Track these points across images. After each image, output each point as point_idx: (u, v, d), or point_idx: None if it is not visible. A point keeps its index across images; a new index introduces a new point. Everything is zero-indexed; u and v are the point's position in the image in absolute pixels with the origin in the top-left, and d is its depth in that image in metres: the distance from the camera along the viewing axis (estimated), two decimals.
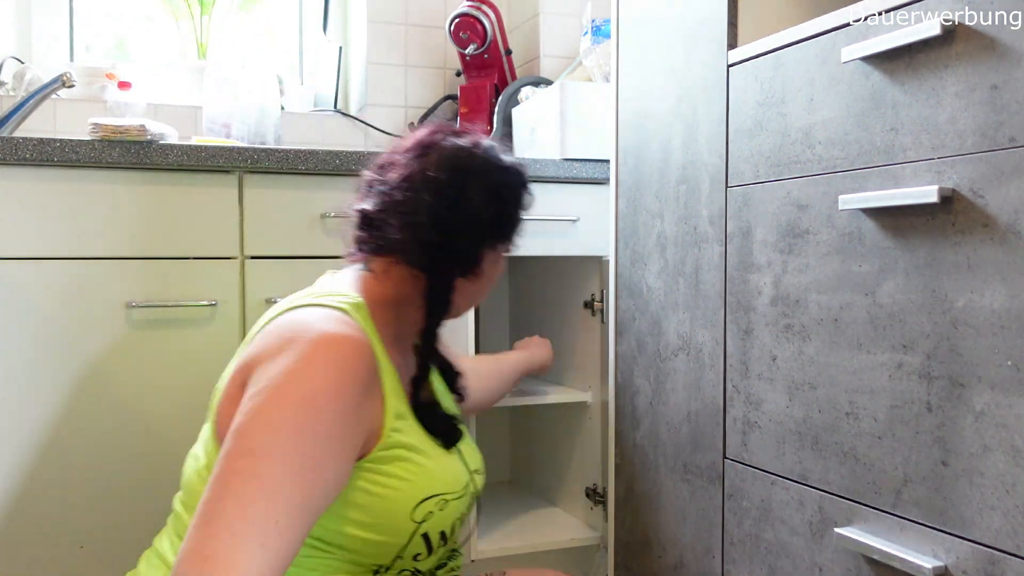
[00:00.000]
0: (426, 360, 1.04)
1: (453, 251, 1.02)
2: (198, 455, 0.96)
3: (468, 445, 1.07)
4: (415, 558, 0.95)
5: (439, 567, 1.03)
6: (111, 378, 1.36)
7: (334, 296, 0.96)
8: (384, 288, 1.01)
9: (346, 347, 0.88)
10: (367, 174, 1.05)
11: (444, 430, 1.02)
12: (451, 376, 1.16)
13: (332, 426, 0.83)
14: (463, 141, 1.03)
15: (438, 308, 1.03)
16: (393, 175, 1.01)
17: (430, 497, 0.94)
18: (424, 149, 1.02)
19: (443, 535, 0.97)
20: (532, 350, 1.53)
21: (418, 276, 1.02)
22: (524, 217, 1.07)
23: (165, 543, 0.96)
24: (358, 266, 1.04)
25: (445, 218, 0.99)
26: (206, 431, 0.96)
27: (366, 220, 1.02)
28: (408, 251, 1.00)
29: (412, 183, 0.99)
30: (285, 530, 0.78)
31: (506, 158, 1.07)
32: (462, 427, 1.07)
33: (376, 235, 1.01)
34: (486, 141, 1.06)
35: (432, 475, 0.95)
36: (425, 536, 0.94)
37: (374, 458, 0.91)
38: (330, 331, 0.88)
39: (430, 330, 1.04)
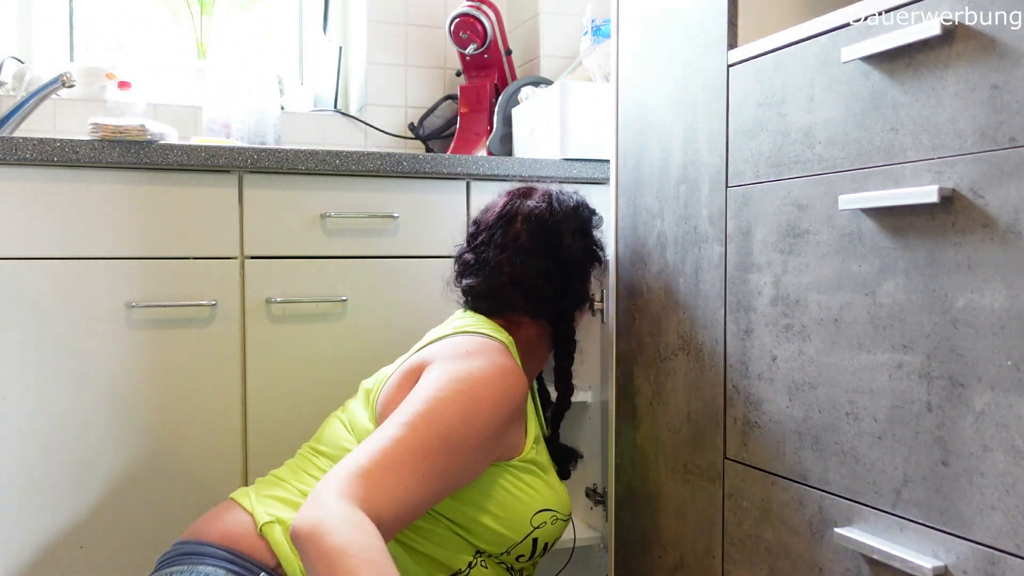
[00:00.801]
0: (568, 394, 1.29)
1: (569, 294, 1.24)
2: (350, 443, 1.11)
3: (562, 484, 1.23)
4: (518, 558, 1.12)
5: None
6: (111, 378, 1.36)
7: (493, 333, 1.15)
8: (518, 332, 1.21)
9: (514, 379, 1.08)
10: (461, 251, 1.28)
11: (565, 459, 1.28)
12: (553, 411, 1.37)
13: (485, 430, 1.02)
14: (535, 201, 1.24)
15: (569, 346, 1.27)
16: (493, 252, 1.22)
17: (548, 510, 1.12)
18: (508, 220, 1.23)
19: (545, 546, 1.14)
20: None
21: (543, 324, 1.24)
22: (602, 236, 1.29)
23: (289, 475, 1.11)
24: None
25: (555, 273, 1.21)
26: (362, 417, 1.13)
27: (477, 292, 1.22)
28: (534, 312, 1.22)
29: (514, 254, 1.20)
30: (424, 486, 0.96)
31: (570, 197, 1.27)
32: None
33: (497, 303, 1.21)
34: (552, 190, 1.26)
35: (553, 493, 1.14)
36: (535, 541, 1.11)
37: (515, 465, 1.10)
38: (506, 363, 1.08)
39: (567, 368, 1.28)
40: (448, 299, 1.33)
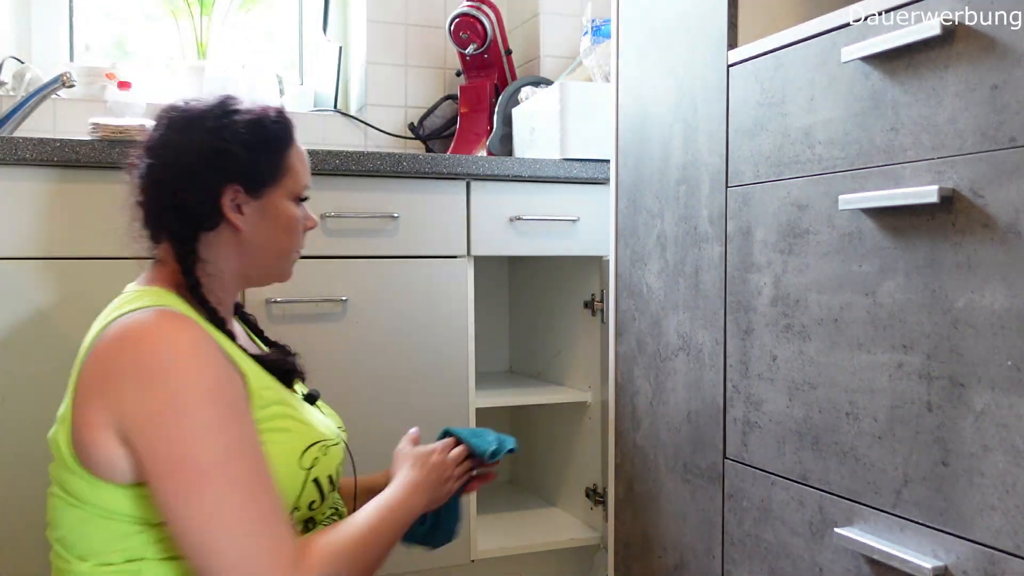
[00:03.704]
0: (220, 317, 0.97)
1: (181, 207, 0.96)
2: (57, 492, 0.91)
3: (326, 405, 1.11)
4: (311, 506, 0.97)
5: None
6: None
7: (137, 300, 0.92)
8: (175, 270, 0.97)
9: (188, 329, 0.87)
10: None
11: (287, 369, 1.01)
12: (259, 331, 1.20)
13: (236, 399, 0.88)
14: (172, 102, 0.99)
15: (188, 266, 0.96)
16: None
17: (313, 444, 0.96)
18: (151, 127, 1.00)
19: (330, 479, 0.99)
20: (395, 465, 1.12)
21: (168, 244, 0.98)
22: (260, 148, 0.97)
23: None
24: (148, 265, 1.02)
25: (162, 177, 0.97)
26: (67, 479, 0.89)
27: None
28: (150, 222, 0.99)
29: (140, 157, 0.97)
30: (276, 500, 0.86)
31: (216, 99, 0.98)
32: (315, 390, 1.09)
33: (139, 220, 1.00)
34: (206, 96, 1.00)
35: (308, 424, 0.98)
36: (316, 481, 0.96)
37: (257, 417, 0.91)
38: (164, 321, 0.87)
39: (202, 295, 0.96)
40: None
